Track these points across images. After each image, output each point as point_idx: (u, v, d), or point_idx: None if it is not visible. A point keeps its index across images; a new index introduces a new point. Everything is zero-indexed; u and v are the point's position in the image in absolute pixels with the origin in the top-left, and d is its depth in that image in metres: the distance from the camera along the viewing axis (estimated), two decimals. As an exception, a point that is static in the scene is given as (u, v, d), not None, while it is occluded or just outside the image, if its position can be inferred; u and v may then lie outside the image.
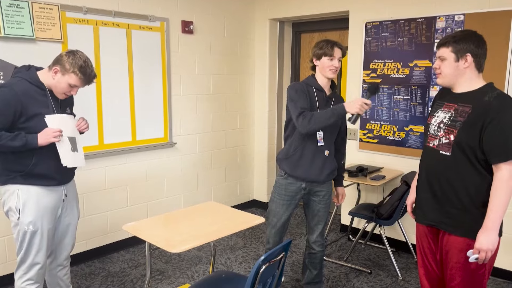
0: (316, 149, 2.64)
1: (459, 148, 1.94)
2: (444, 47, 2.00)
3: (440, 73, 2.03)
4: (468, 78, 1.99)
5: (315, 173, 2.65)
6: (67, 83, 2.25)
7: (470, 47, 1.94)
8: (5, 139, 2.14)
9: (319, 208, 2.75)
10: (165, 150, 4.06)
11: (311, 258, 2.87)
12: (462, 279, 1.99)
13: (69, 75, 2.23)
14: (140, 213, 3.94)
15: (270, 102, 4.84)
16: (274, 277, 2.11)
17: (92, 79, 2.32)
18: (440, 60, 2.02)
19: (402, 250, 3.86)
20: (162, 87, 3.94)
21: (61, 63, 2.23)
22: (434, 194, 2.06)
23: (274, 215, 2.78)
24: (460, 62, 1.96)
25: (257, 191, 5.09)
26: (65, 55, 2.23)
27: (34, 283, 2.35)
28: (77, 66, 2.22)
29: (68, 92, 2.30)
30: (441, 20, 3.47)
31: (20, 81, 2.23)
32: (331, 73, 2.60)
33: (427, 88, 3.60)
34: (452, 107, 2.02)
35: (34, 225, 2.28)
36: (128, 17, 3.61)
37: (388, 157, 3.90)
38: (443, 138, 2.01)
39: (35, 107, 2.22)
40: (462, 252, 1.96)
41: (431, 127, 2.09)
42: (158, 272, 3.43)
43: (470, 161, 1.93)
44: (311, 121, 2.43)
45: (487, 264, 1.96)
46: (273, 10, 4.62)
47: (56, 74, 2.24)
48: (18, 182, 2.26)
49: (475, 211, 1.93)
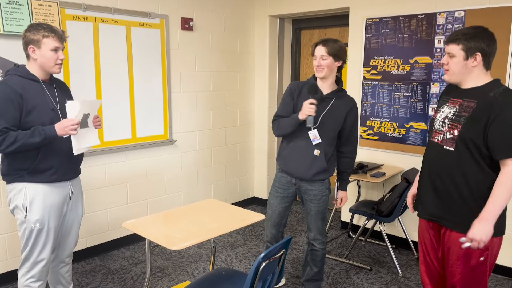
0: (306, 147, 2.66)
1: (463, 143, 1.93)
2: (453, 44, 1.95)
3: (448, 69, 2.00)
4: (475, 75, 1.96)
5: (302, 170, 2.68)
6: (48, 50, 2.21)
7: (480, 45, 1.90)
8: (24, 138, 2.12)
9: (311, 208, 2.76)
10: (165, 148, 4.06)
11: (312, 255, 2.88)
12: (462, 276, 1.99)
13: (43, 42, 2.20)
14: (140, 210, 3.94)
15: (270, 99, 4.83)
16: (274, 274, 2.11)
17: (62, 33, 2.28)
18: (449, 56, 1.98)
19: (402, 247, 3.86)
20: (162, 84, 3.94)
21: (29, 39, 2.21)
22: (436, 189, 2.05)
23: (269, 207, 2.88)
24: (469, 60, 1.93)
25: (257, 188, 5.09)
26: (26, 32, 2.22)
27: (37, 281, 2.35)
28: (42, 30, 2.20)
29: (57, 60, 2.25)
30: (441, 16, 3.46)
31: (12, 76, 2.22)
32: (317, 73, 2.60)
33: (428, 85, 3.59)
34: (457, 102, 2.00)
35: (41, 223, 2.28)
36: (128, 14, 3.60)
37: (388, 154, 3.89)
38: (447, 133, 1.99)
39: (33, 100, 2.21)
40: (462, 249, 1.95)
41: (436, 122, 2.08)
42: (159, 269, 3.44)
43: (473, 157, 1.91)
44: (278, 128, 2.71)
45: (489, 261, 1.96)
46: (273, 6, 4.60)
47: (34, 52, 2.22)
48: (25, 180, 2.25)
49: (476, 208, 1.92)
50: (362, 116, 4.01)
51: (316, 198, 2.73)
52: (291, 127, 2.61)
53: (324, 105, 2.64)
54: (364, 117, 4.00)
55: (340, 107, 2.65)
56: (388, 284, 3.24)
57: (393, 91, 3.80)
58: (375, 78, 3.90)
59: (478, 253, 1.94)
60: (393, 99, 3.80)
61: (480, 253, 1.93)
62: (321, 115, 2.63)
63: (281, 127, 2.68)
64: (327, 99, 2.65)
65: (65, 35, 2.32)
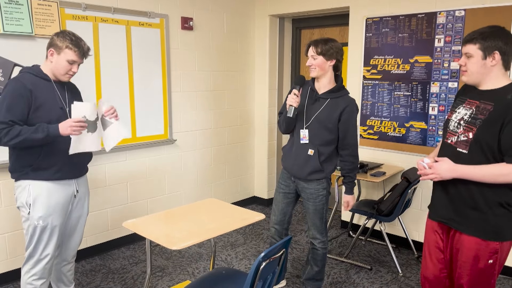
0: (300, 146, 2.69)
1: (477, 147, 1.88)
2: (470, 44, 1.90)
3: (466, 70, 1.95)
4: (494, 76, 1.91)
5: (296, 169, 2.73)
6: (65, 60, 2.27)
7: (498, 44, 1.86)
8: (27, 133, 2.16)
9: (308, 206, 2.78)
10: (165, 147, 4.06)
11: (313, 254, 2.89)
12: (470, 278, 1.98)
13: (64, 51, 2.26)
14: (141, 210, 3.94)
15: (270, 99, 4.83)
16: (274, 273, 2.11)
17: (87, 52, 2.33)
18: (466, 57, 1.93)
19: (402, 246, 3.86)
20: (162, 84, 3.93)
21: (54, 43, 2.27)
22: (447, 191, 2.02)
23: (274, 202, 2.94)
24: (488, 59, 1.88)
25: (258, 187, 5.09)
26: (55, 35, 2.28)
27: (39, 278, 2.36)
28: (68, 40, 2.25)
29: (70, 71, 2.31)
30: (441, 15, 3.46)
31: (24, 74, 2.28)
32: (310, 72, 2.64)
33: (428, 84, 3.59)
34: (474, 104, 1.95)
35: (44, 220, 2.30)
36: (128, 13, 3.60)
37: (388, 153, 3.89)
38: (462, 136, 1.95)
39: (43, 97, 2.25)
40: (471, 251, 1.94)
41: (451, 123, 2.03)
42: (159, 269, 3.44)
43: (488, 160, 1.87)
44: (279, 124, 2.81)
45: (497, 264, 1.94)
46: (273, 6, 4.60)
47: (52, 56, 2.28)
48: (29, 178, 2.29)
49: (488, 211, 1.90)
50: (362, 115, 4.01)
51: (312, 196, 2.74)
52: (283, 121, 2.71)
53: (318, 105, 2.64)
54: (364, 116, 4.00)
55: (334, 108, 2.62)
56: (388, 283, 3.24)
57: (393, 91, 3.80)
58: (375, 77, 3.90)
59: (487, 256, 1.92)
60: (393, 98, 3.80)
61: (490, 255, 1.92)
62: (314, 115, 2.63)
63: (280, 122, 2.80)
64: (321, 99, 2.64)
65: (89, 53, 2.36)
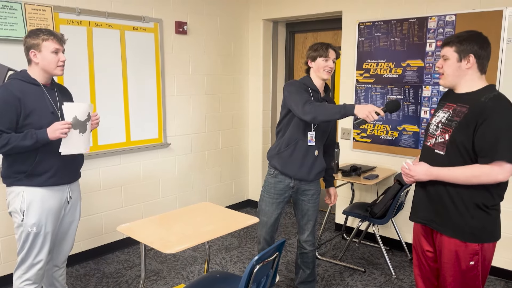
0: (307, 148, 2.67)
1: (454, 148, 1.94)
2: (447, 47, 1.98)
3: (443, 73, 2.02)
4: (469, 79, 1.97)
5: (305, 172, 2.69)
6: (49, 53, 2.25)
7: (473, 48, 1.93)
8: (16, 140, 2.15)
9: (308, 207, 2.78)
10: (159, 151, 4.07)
11: (303, 258, 2.89)
12: (454, 279, 2.01)
13: (43, 45, 2.24)
14: (135, 214, 3.94)
15: (264, 102, 4.85)
16: (268, 276, 2.12)
17: (62, 37, 2.32)
18: (443, 59, 2.01)
19: (395, 248, 3.89)
20: (156, 87, 3.94)
21: (30, 44, 2.24)
22: (427, 192, 2.07)
23: (264, 214, 2.81)
24: (463, 62, 1.95)
25: (252, 191, 5.11)
26: (27, 38, 2.26)
27: (32, 284, 2.35)
28: (41, 34, 2.24)
29: (59, 61, 2.28)
30: (433, 20, 3.50)
31: (12, 81, 2.26)
32: (326, 74, 2.63)
33: (420, 88, 3.63)
34: (451, 107, 2.01)
35: (37, 226, 2.29)
36: (122, 18, 3.61)
37: (381, 156, 3.93)
38: (439, 137, 2.01)
39: (32, 103, 2.23)
40: (452, 252, 1.98)
41: (431, 126, 2.10)
42: (153, 273, 3.44)
43: (464, 161, 1.92)
44: (318, 110, 2.39)
45: (480, 267, 1.96)
46: (267, 10, 4.63)
47: (35, 56, 2.25)
48: (23, 184, 2.27)
49: (465, 213, 1.94)
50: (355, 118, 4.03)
51: (313, 197, 2.77)
52: (340, 114, 2.36)
53: None
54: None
55: None
56: (381, 285, 3.27)
57: (385, 94, 3.83)
58: (368, 81, 3.93)
59: (468, 257, 1.95)
60: (385, 102, 3.84)
61: (470, 257, 1.95)
62: None
63: (325, 111, 2.39)
64: (323, 100, 2.70)
65: (64, 38, 2.35)
